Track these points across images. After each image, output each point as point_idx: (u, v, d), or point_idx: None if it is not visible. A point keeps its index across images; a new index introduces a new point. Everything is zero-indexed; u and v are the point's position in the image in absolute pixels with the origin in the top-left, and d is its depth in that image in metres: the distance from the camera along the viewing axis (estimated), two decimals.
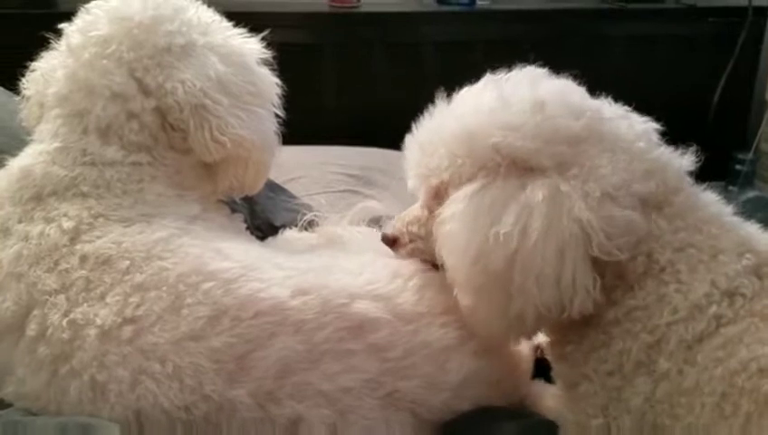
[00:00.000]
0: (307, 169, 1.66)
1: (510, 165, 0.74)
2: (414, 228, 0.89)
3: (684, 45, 2.58)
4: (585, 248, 0.70)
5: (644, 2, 2.63)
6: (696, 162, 0.78)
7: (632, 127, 0.77)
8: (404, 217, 0.91)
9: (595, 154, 0.73)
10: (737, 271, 0.71)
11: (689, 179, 0.77)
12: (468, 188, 0.75)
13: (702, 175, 0.79)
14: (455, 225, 0.75)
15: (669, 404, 0.69)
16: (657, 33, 2.55)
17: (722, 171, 2.49)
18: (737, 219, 0.77)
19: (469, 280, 0.74)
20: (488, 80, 0.82)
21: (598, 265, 0.72)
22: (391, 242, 0.92)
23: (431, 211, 0.85)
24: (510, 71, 0.83)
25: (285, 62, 1.01)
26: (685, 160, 0.77)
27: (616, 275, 0.73)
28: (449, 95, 0.85)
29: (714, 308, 0.69)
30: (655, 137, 0.78)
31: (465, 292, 0.76)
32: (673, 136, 0.81)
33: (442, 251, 0.78)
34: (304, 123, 1.03)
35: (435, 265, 0.87)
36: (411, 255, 0.90)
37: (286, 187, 1.46)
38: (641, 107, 0.82)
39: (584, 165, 0.72)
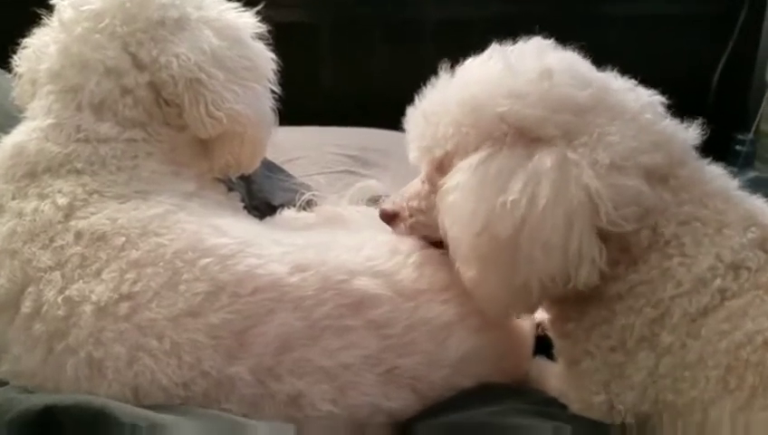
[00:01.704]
0: (305, 149, 1.65)
1: (516, 134, 0.73)
2: (414, 203, 0.88)
3: (683, 25, 2.56)
4: (592, 217, 0.69)
5: None
6: (697, 141, 0.78)
7: (639, 99, 0.76)
8: (404, 193, 0.90)
9: (603, 123, 0.72)
10: (742, 244, 0.70)
11: (694, 153, 0.77)
12: (474, 158, 0.74)
13: (702, 155, 0.79)
14: (460, 194, 0.74)
15: (673, 379, 0.69)
16: (657, 13, 2.53)
17: (722, 152, 2.48)
18: (743, 193, 0.77)
19: (474, 250, 0.73)
20: (494, 50, 0.81)
21: (602, 237, 0.71)
22: (390, 218, 0.90)
23: (433, 184, 0.84)
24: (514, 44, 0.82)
25: (283, 41, 1.00)
26: (690, 133, 0.77)
27: (620, 249, 0.72)
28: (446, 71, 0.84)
29: (718, 281, 0.69)
30: (661, 109, 0.77)
31: (468, 263, 0.75)
32: (673, 116, 0.80)
33: (445, 221, 0.77)
34: (302, 103, 1.02)
35: (434, 242, 0.86)
36: (411, 230, 0.89)
37: (285, 167, 1.46)
38: (641, 86, 0.81)
39: (592, 133, 0.71)
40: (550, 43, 0.80)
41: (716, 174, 0.77)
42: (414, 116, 0.84)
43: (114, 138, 0.85)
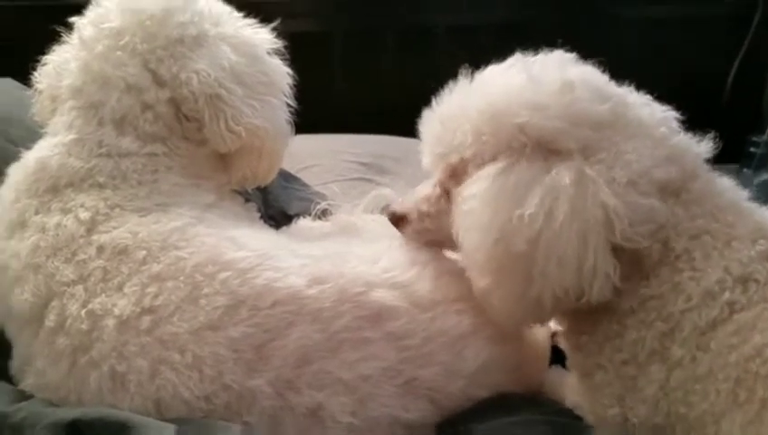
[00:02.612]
0: (319, 157, 1.66)
1: (535, 146, 0.73)
2: (424, 207, 0.88)
3: (697, 27, 2.56)
4: (607, 234, 0.70)
5: None
6: (709, 154, 0.78)
7: (654, 114, 0.77)
8: (413, 196, 0.90)
9: (620, 140, 0.73)
10: (751, 257, 0.70)
11: (706, 166, 0.77)
12: (492, 168, 0.75)
13: (716, 158, 0.79)
14: (477, 204, 0.74)
15: (684, 391, 0.69)
16: (671, 16, 2.53)
17: (736, 154, 2.47)
18: (753, 205, 0.77)
19: (489, 261, 0.74)
20: (515, 60, 0.81)
21: (614, 252, 0.71)
22: (398, 220, 0.91)
23: (445, 190, 0.84)
24: (526, 53, 0.82)
25: (296, 50, 1.01)
26: (702, 147, 0.77)
27: (631, 264, 0.73)
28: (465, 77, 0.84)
29: (727, 294, 0.69)
30: (675, 124, 0.77)
31: (482, 273, 0.76)
32: (687, 118, 0.80)
33: (460, 230, 0.77)
34: (315, 111, 1.03)
35: (440, 245, 0.87)
36: (418, 234, 0.89)
37: (299, 176, 1.47)
38: (655, 89, 0.81)
39: (610, 150, 0.72)
40: (571, 56, 0.81)
41: (727, 186, 0.77)
42: (430, 120, 0.84)
43: (135, 152, 0.86)
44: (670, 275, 0.71)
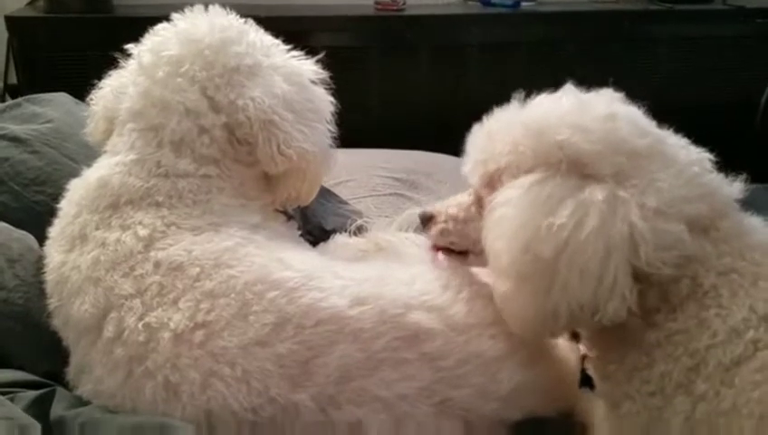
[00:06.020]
0: (353, 172, 1.71)
1: (570, 165, 0.76)
2: (453, 210, 0.92)
3: (732, 46, 2.56)
4: (631, 255, 0.73)
5: (691, 3, 2.61)
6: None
7: (689, 154, 0.79)
8: (448, 200, 0.94)
9: (654, 170, 0.76)
10: None
11: (736, 205, 0.79)
12: (527, 178, 0.78)
13: (748, 176, 0.81)
14: (510, 210, 0.77)
15: (708, 425, 0.71)
16: (705, 35, 2.54)
17: None
18: None
19: (514, 266, 0.76)
20: (568, 89, 0.85)
21: (642, 282, 0.74)
22: (427, 220, 0.95)
23: (478, 198, 0.88)
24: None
25: (331, 64, 1.06)
26: (734, 187, 0.79)
27: (660, 298, 0.76)
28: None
29: (751, 333, 0.71)
30: (708, 164, 0.80)
31: (505, 278, 0.78)
32: (720, 137, 0.81)
33: (489, 233, 0.80)
34: (349, 125, 1.07)
35: (459, 251, 0.91)
36: (440, 234, 0.93)
37: (334, 190, 1.52)
38: (688, 108, 0.84)
39: (643, 178, 0.75)
40: (619, 96, 0.84)
41: (756, 226, 0.79)
42: (478, 132, 0.88)
43: (191, 173, 0.91)
44: (697, 310, 0.74)
